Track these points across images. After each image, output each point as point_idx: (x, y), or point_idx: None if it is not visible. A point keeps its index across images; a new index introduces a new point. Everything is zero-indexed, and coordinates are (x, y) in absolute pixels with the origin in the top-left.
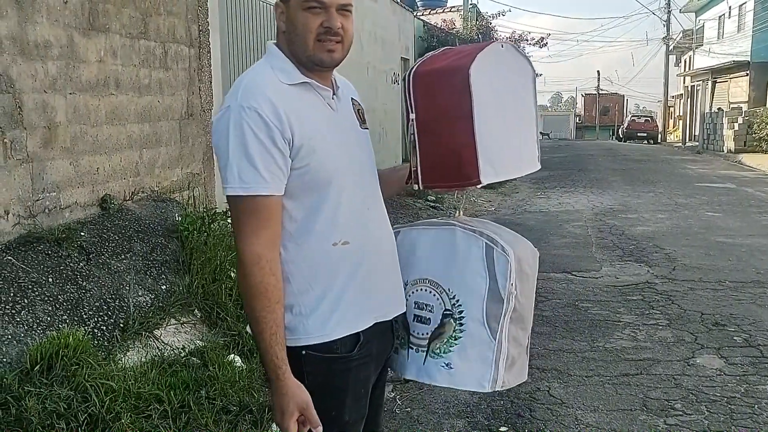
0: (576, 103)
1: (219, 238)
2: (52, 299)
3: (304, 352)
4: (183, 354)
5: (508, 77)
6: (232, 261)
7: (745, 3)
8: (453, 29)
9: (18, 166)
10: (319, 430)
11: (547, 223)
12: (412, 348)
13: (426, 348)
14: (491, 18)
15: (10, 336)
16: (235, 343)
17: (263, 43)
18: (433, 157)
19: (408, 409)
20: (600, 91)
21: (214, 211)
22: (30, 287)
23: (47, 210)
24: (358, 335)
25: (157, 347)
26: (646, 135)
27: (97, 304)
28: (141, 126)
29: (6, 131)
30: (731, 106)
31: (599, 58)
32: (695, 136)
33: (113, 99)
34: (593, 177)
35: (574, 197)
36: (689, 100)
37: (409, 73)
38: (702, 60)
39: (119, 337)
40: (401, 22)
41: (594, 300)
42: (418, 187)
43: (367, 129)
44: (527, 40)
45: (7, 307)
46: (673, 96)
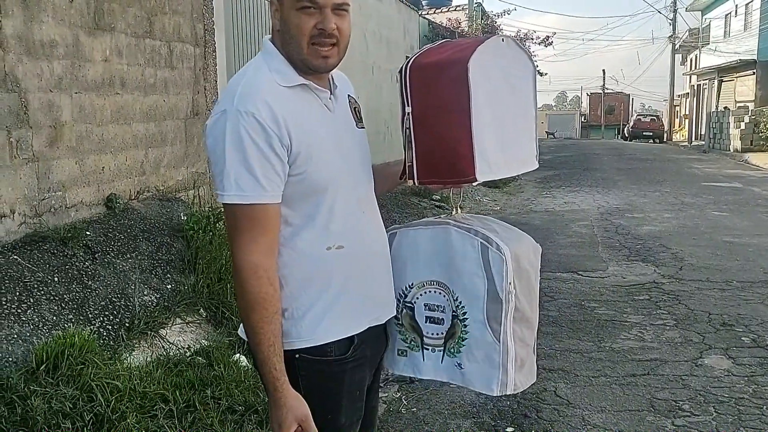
0: (581, 103)
1: (224, 237)
2: (57, 298)
3: (297, 355)
4: (188, 353)
5: (507, 72)
6: None
7: (752, 1)
8: (458, 28)
9: (24, 165)
10: None
11: (553, 223)
12: (427, 349)
13: (443, 348)
14: (496, 17)
15: (15, 335)
16: (241, 343)
17: None
18: (429, 153)
19: (414, 410)
20: (605, 90)
21: (219, 211)
22: (36, 286)
23: (53, 209)
24: (352, 338)
25: (163, 347)
26: (651, 134)
27: (103, 303)
28: (146, 125)
29: (12, 130)
30: (737, 105)
31: (605, 57)
32: (701, 135)
33: (119, 98)
34: (599, 176)
35: (579, 196)
36: (695, 99)
37: (406, 66)
38: (708, 59)
39: (125, 337)
40: (406, 21)
41: (600, 300)
42: (413, 183)
43: (364, 128)
44: (532, 38)
45: (13, 307)
46: (679, 95)
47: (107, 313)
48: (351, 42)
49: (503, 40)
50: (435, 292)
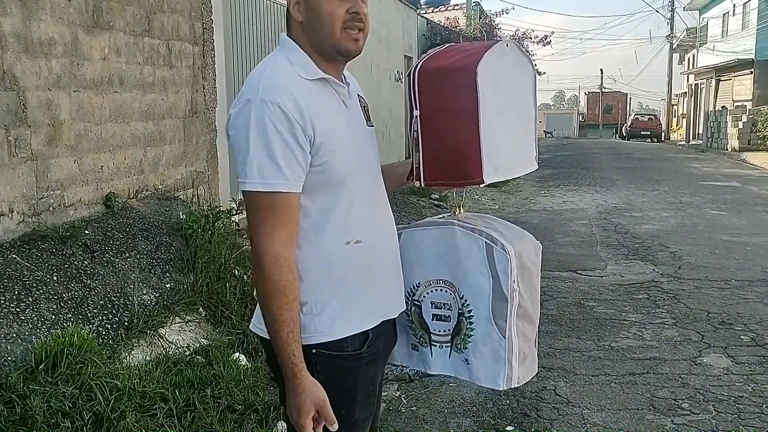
0: (579, 102)
1: (223, 236)
2: (56, 297)
3: (314, 351)
4: (188, 352)
5: (510, 76)
6: (236, 259)
7: (750, 1)
8: (456, 27)
9: (22, 164)
10: (335, 427)
11: (552, 222)
12: (435, 345)
13: (450, 344)
14: (494, 16)
15: (14, 334)
16: (240, 342)
17: (267, 41)
18: (436, 155)
19: (413, 408)
20: (603, 90)
21: (218, 210)
22: (34, 285)
23: (51, 208)
24: (366, 333)
25: (162, 346)
26: (649, 133)
27: (102, 302)
28: (145, 124)
29: (10, 129)
30: (735, 104)
31: (602, 56)
32: (699, 134)
33: (117, 97)
34: (597, 175)
35: (578, 195)
36: (693, 98)
37: (414, 70)
38: (706, 58)
39: (124, 336)
40: (405, 20)
41: (599, 299)
42: (420, 184)
43: (373, 126)
44: (530, 38)
45: (12, 306)
46: (677, 94)
47: (106, 312)
48: None
49: (507, 44)
50: (441, 290)
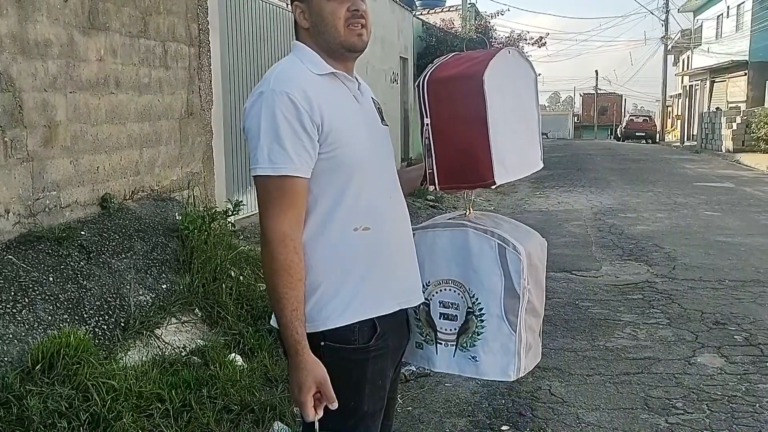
0: (574, 103)
1: (219, 237)
2: (52, 298)
3: (322, 342)
4: (184, 353)
5: (513, 81)
6: (232, 260)
7: (744, 2)
8: (452, 29)
9: (18, 165)
10: (334, 405)
11: (547, 223)
12: (440, 343)
13: (455, 343)
14: (490, 17)
15: (11, 335)
16: (236, 342)
17: (263, 42)
18: (449, 160)
19: (409, 408)
20: (598, 91)
21: (214, 211)
22: (31, 286)
23: (47, 209)
24: (375, 327)
25: (158, 346)
26: (644, 134)
27: (98, 303)
28: (141, 125)
29: (6, 130)
30: (729, 105)
31: (597, 57)
32: (693, 135)
33: (113, 98)
34: (592, 176)
35: (573, 196)
36: (687, 99)
37: (423, 79)
38: (700, 59)
39: (120, 336)
40: (400, 21)
41: (594, 299)
42: (434, 189)
43: (387, 126)
44: (526, 39)
45: (8, 306)
46: (672, 95)
47: (102, 313)
48: None
49: (509, 52)
50: (450, 290)
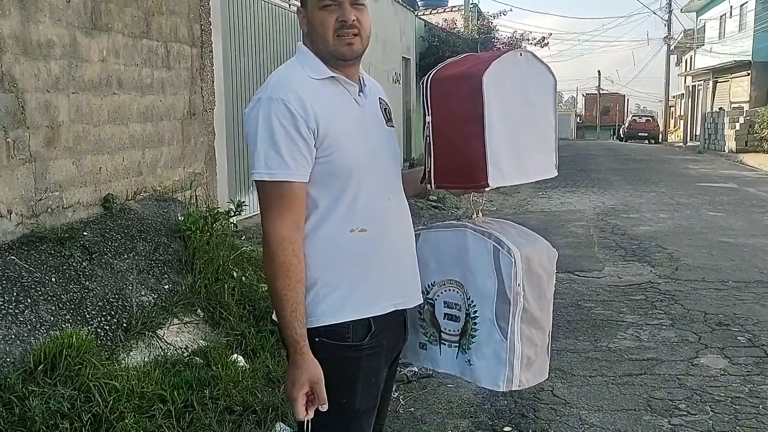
0: (577, 103)
1: (221, 237)
2: (55, 299)
3: (317, 339)
4: (186, 354)
5: (524, 85)
6: (234, 261)
7: (747, 3)
8: (454, 29)
9: (21, 165)
10: (324, 407)
11: (549, 223)
12: (444, 344)
13: (457, 343)
14: (492, 17)
15: (13, 336)
16: (238, 343)
17: (266, 43)
18: (446, 159)
19: (411, 409)
20: (601, 91)
21: (216, 211)
22: (33, 287)
23: (50, 209)
24: (369, 325)
25: (160, 347)
26: (647, 135)
27: (100, 303)
28: (143, 125)
29: (9, 131)
30: (732, 105)
31: (600, 57)
32: (696, 136)
33: (116, 98)
34: (594, 177)
35: (575, 197)
36: (690, 99)
37: (428, 78)
38: (703, 60)
39: (122, 337)
40: (402, 21)
41: (597, 300)
42: (430, 187)
43: (393, 127)
44: (528, 39)
45: (11, 307)
46: (674, 96)
47: (105, 314)
48: None
49: (521, 54)
50: (453, 290)
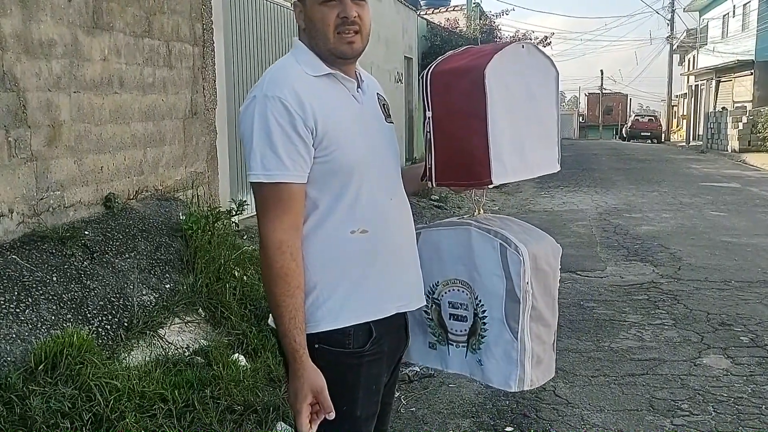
0: (579, 103)
1: (223, 237)
2: (56, 298)
3: (317, 345)
4: (187, 353)
5: (526, 78)
6: (236, 260)
7: (750, 2)
8: (456, 28)
9: (22, 164)
10: (332, 416)
11: (552, 223)
12: (452, 344)
13: (466, 344)
14: (495, 17)
15: (14, 335)
16: (240, 343)
17: (267, 42)
18: (447, 156)
19: (413, 409)
20: (603, 91)
21: (218, 210)
22: (34, 286)
23: (51, 209)
24: (371, 330)
25: (162, 346)
26: (649, 134)
27: (102, 303)
28: (145, 125)
29: (10, 130)
30: (735, 105)
31: (602, 57)
32: (699, 135)
33: (117, 98)
34: (597, 176)
35: (578, 196)
36: (693, 99)
37: (428, 72)
38: (706, 59)
39: (123, 336)
40: (404, 21)
41: (599, 300)
42: (431, 185)
43: (392, 123)
44: (531, 39)
45: (12, 306)
46: (677, 95)
47: (106, 313)
48: None
49: (523, 46)
50: (459, 290)
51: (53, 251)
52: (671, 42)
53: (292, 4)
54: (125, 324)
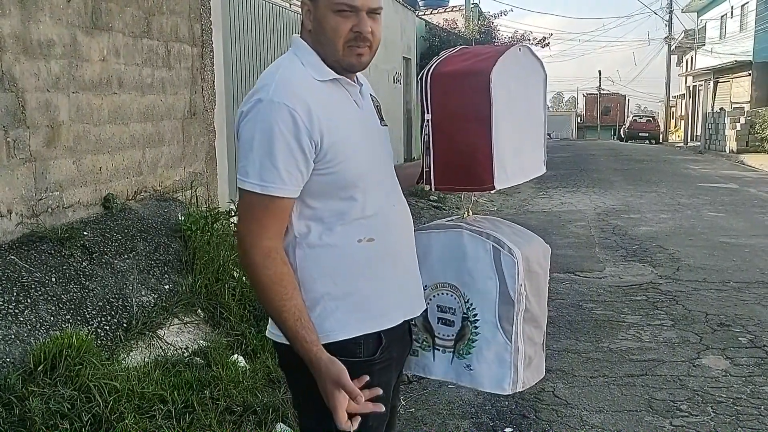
0: (577, 103)
1: (222, 237)
2: (55, 299)
3: None
4: (186, 354)
5: (522, 80)
6: (235, 261)
7: (748, 3)
8: (455, 29)
9: (21, 165)
10: (360, 400)
11: (550, 223)
12: (438, 349)
13: (452, 349)
14: (493, 17)
15: (13, 336)
16: (239, 343)
17: (266, 42)
18: (447, 159)
19: (412, 410)
20: (601, 91)
21: (216, 211)
22: (33, 287)
23: (50, 209)
24: (380, 338)
25: (161, 347)
26: (647, 135)
27: (101, 303)
28: (144, 125)
29: (9, 130)
30: (733, 106)
31: (601, 57)
32: (697, 136)
33: (116, 98)
34: (595, 177)
35: (576, 197)
36: (691, 100)
37: (426, 73)
38: (704, 60)
39: (122, 337)
40: (403, 21)
41: (598, 300)
42: (429, 188)
43: (386, 126)
44: (529, 39)
45: (11, 307)
46: (675, 96)
47: (105, 314)
48: None
49: (520, 49)
50: (447, 294)
51: (52, 252)
52: (669, 43)
53: (300, 0)
54: (124, 325)
